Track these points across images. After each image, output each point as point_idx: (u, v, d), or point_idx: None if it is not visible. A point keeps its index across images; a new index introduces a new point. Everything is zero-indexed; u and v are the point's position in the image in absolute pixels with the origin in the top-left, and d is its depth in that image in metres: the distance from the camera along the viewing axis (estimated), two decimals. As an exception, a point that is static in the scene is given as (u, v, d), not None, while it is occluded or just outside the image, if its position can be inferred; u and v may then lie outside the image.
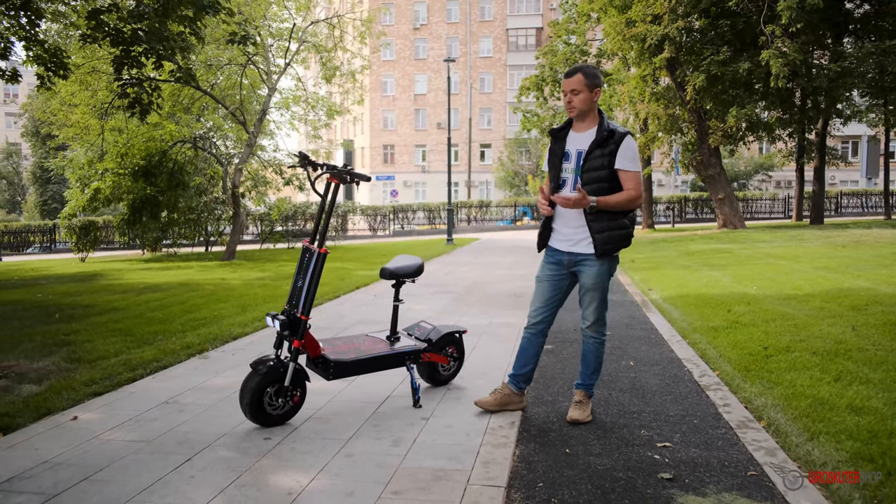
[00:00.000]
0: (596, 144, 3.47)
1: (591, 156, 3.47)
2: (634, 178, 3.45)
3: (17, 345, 5.88)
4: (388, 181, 51.84)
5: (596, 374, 3.74)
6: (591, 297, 3.61)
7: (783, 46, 18.53)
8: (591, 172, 3.47)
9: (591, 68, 3.56)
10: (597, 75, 3.52)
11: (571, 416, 3.65)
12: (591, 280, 3.57)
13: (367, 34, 19.86)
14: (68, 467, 3.14)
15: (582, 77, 3.48)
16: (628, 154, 3.43)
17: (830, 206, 34.14)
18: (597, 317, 3.65)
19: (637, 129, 25.10)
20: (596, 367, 3.72)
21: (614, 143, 3.44)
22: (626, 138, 3.44)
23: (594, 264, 3.54)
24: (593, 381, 3.74)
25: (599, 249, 3.48)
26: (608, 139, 3.45)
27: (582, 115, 3.55)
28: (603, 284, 3.59)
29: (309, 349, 3.71)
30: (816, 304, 6.91)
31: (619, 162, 3.43)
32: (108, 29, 9.17)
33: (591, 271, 3.56)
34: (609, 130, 3.46)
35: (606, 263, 3.56)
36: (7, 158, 62.39)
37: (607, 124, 3.50)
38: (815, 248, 13.57)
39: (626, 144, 3.43)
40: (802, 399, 3.81)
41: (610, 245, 3.48)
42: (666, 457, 3.15)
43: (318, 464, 3.13)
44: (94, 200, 17.43)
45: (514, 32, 52.02)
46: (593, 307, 3.63)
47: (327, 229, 3.72)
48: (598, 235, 3.47)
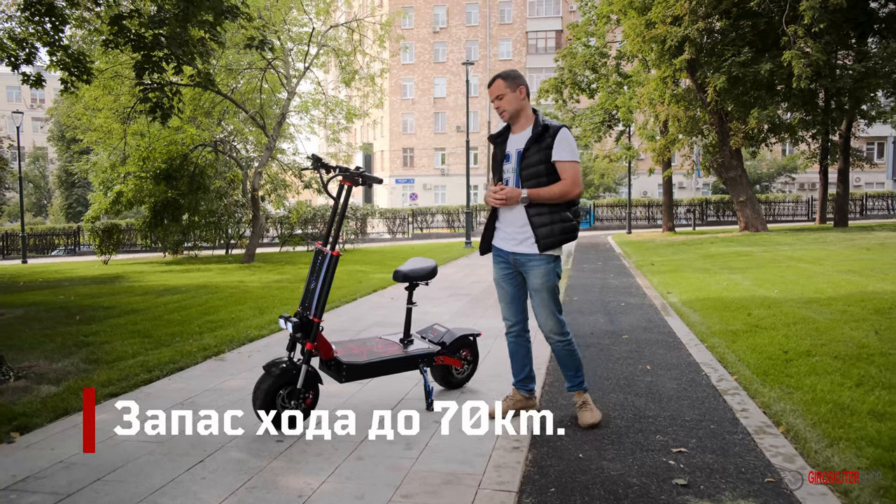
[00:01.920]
0: (532, 140, 3.49)
1: (529, 152, 3.49)
2: (571, 168, 3.44)
3: (38, 345, 5.97)
4: (408, 184, 51.96)
5: (580, 372, 3.68)
6: (540, 299, 3.55)
7: (806, 47, 18.27)
8: (530, 168, 3.48)
9: (509, 71, 3.62)
10: (516, 76, 3.59)
11: (584, 421, 3.59)
12: (539, 280, 3.52)
13: (386, 38, 19.92)
14: (82, 467, 3.16)
15: (501, 82, 3.56)
16: (564, 145, 3.44)
17: (855, 209, 33.65)
18: (554, 320, 3.57)
19: (657, 130, 24.91)
20: (576, 367, 3.66)
21: (550, 137, 3.46)
22: (562, 131, 3.46)
23: (539, 263, 3.50)
24: (581, 377, 3.69)
25: (541, 243, 3.45)
26: (543, 134, 3.48)
27: (514, 116, 3.59)
28: (551, 284, 3.53)
29: (322, 352, 3.71)
30: (839, 308, 6.78)
31: (555, 153, 3.44)
32: (129, 34, 9.30)
33: (537, 271, 3.52)
34: (544, 125, 3.49)
35: (552, 262, 3.51)
36: (34, 162, 63.54)
37: (542, 120, 3.52)
38: (839, 251, 13.34)
39: (562, 136, 3.44)
40: (823, 404, 3.73)
41: (551, 238, 3.45)
42: (681, 462, 3.10)
43: (329, 466, 3.12)
44: (117, 203, 17.69)
45: (534, 35, 51.88)
46: (547, 311, 3.56)
47: (340, 232, 3.72)
48: (539, 230, 3.46)
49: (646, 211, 36.94)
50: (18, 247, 28.70)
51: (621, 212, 35.92)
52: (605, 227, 34.77)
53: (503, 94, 3.55)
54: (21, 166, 29.05)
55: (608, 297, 8.58)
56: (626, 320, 6.89)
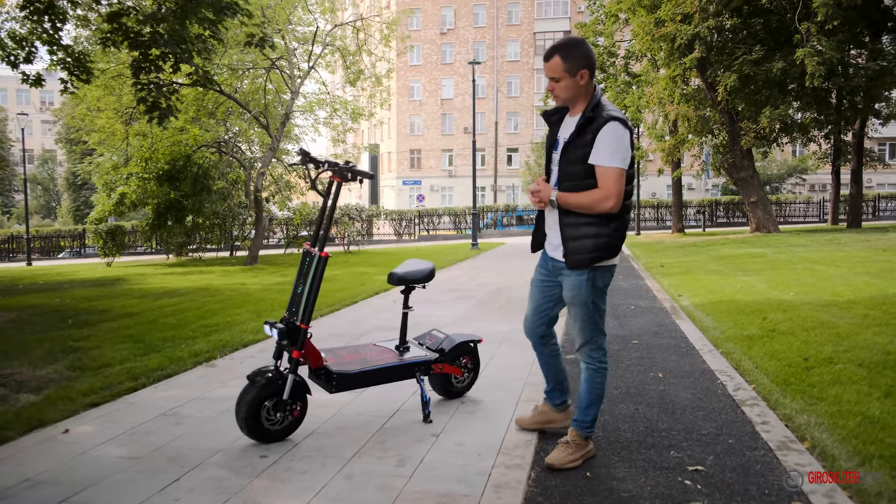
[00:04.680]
0: (576, 133, 2.92)
1: (571, 146, 2.93)
2: (609, 175, 2.82)
3: (26, 351, 5.76)
4: (415, 186, 51.78)
5: (592, 409, 3.11)
6: (573, 314, 3.09)
7: (819, 45, 17.91)
8: (569, 167, 2.95)
9: (573, 45, 2.91)
10: (579, 55, 2.89)
11: (552, 458, 3.03)
12: (570, 293, 3.05)
13: (392, 37, 19.70)
14: (51, 486, 2.93)
15: (559, 61, 2.89)
16: (603, 146, 2.82)
17: (868, 210, 33.14)
18: (585, 338, 3.07)
19: (666, 130, 24.58)
20: (590, 401, 3.10)
21: (592, 132, 2.85)
22: (607, 126, 2.82)
23: (571, 275, 3.02)
24: (589, 418, 3.10)
25: (570, 259, 2.96)
26: (587, 126, 2.87)
27: (570, 103, 3.02)
28: (585, 300, 3.00)
29: (310, 360, 3.46)
30: (860, 312, 6.48)
31: (593, 156, 2.85)
32: (128, 31, 9.11)
33: (568, 282, 3.04)
34: (589, 116, 2.87)
35: (587, 274, 2.98)
36: (42, 165, 63.79)
37: (590, 108, 2.90)
38: (854, 252, 13.00)
39: (604, 133, 2.82)
40: (850, 417, 3.45)
41: (580, 255, 2.93)
42: (698, 482, 2.84)
43: (314, 485, 2.88)
44: (121, 205, 17.54)
45: (542, 36, 51.58)
46: (578, 326, 3.07)
47: (329, 231, 3.48)
48: (570, 243, 2.96)
49: (655, 212, 36.55)
50: (24, 249, 28.63)
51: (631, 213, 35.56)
52: (614, 229, 34.36)
53: (559, 78, 2.91)
54: (26, 169, 28.97)
55: (617, 300, 8.30)
56: (636, 324, 6.62)
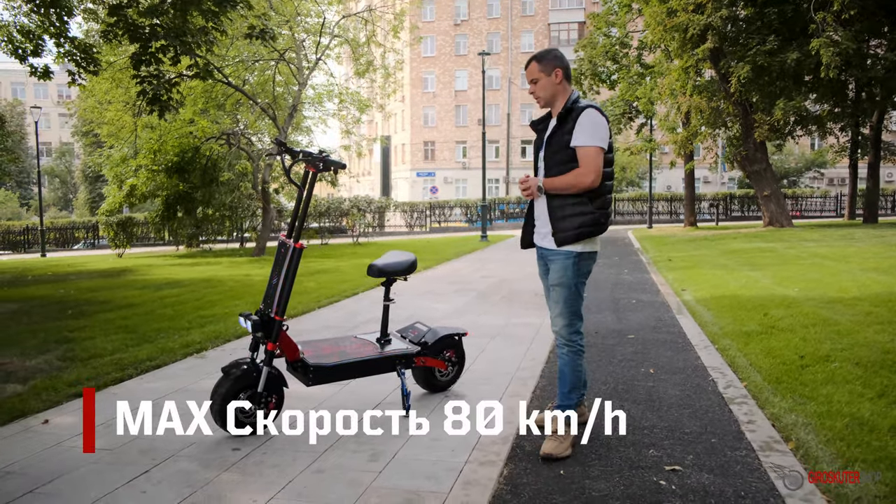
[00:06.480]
0: (557, 125, 3.16)
1: (553, 139, 3.17)
2: (589, 154, 3.04)
3: (20, 341, 5.78)
4: (429, 178, 51.64)
5: (575, 393, 3.21)
6: (555, 295, 3.21)
7: (835, 35, 17.52)
8: (554, 156, 3.16)
9: (546, 52, 3.24)
10: (553, 57, 3.21)
11: (543, 449, 3.07)
12: (556, 275, 3.19)
13: (401, 28, 19.59)
14: (19, 477, 2.92)
15: (535, 64, 3.21)
16: (582, 129, 3.06)
17: (886, 205, 32.62)
18: (565, 321, 3.20)
19: (679, 122, 24.30)
20: (573, 385, 3.20)
21: (572, 120, 3.09)
22: (585, 112, 3.07)
23: (558, 257, 3.17)
24: (573, 401, 3.20)
25: (557, 237, 3.13)
26: (567, 117, 3.12)
27: (550, 102, 3.24)
28: (568, 282, 3.16)
29: (286, 352, 3.42)
30: (863, 309, 6.33)
31: (574, 138, 3.07)
32: (128, 23, 9.09)
33: (555, 265, 3.19)
34: (568, 108, 3.13)
35: (574, 259, 3.14)
36: (60, 157, 64.39)
37: (569, 103, 3.15)
38: (867, 248, 12.76)
39: (582, 119, 3.06)
40: (839, 418, 3.35)
41: (568, 232, 3.10)
42: (673, 483, 2.76)
43: (282, 480, 2.84)
44: (131, 196, 17.64)
45: (556, 27, 51.15)
46: (559, 308, 3.20)
47: (304, 221, 3.43)
48: (557, 223, 3.14)
49: (668, 205, 36.20)
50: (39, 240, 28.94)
51: (643, 206, 35.17)
52: (627, 222, 34.07)
53: (537, 79, 3.21)
54: (40, 162, 29.24)
55: (619, 294, 8.20)
56: (635, 318, 6.52)
